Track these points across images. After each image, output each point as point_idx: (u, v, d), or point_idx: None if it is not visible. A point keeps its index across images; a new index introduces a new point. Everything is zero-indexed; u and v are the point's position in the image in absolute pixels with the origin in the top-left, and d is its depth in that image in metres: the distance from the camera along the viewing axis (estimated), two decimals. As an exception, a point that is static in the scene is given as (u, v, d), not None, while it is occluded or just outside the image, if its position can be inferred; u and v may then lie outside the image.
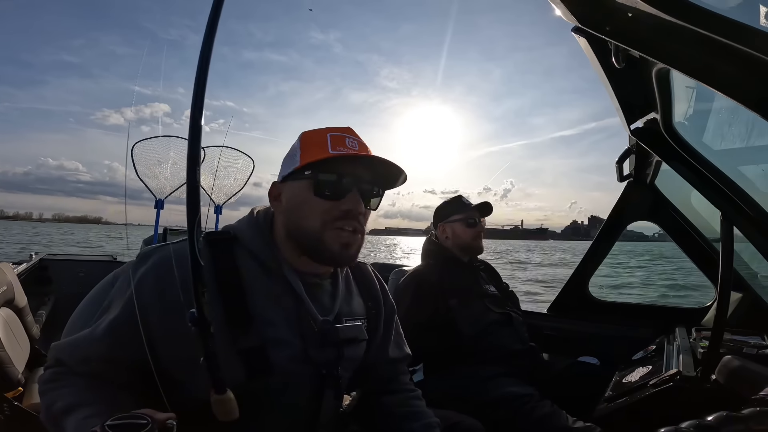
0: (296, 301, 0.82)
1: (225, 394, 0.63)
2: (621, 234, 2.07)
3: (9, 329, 1.72)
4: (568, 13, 0.90)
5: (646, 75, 1.21)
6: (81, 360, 0.75)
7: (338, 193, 0.80)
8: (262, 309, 0.78)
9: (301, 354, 0.80)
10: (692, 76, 0.84)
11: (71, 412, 0.68)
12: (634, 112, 1.44)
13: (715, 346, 1.14)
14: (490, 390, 1.47)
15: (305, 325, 0.82)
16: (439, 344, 1.60)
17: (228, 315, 0.74)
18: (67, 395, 0.71)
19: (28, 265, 3.08)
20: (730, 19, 0.66)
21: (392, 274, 1.95)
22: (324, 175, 0.79)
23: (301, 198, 0.81)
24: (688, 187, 1.49)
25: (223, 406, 0.63)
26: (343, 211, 0.80)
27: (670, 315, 2.04)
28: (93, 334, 0.75)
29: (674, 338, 1.53)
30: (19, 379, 1.54)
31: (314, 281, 0.87)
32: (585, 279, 2.11)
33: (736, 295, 1.71)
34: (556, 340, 2.06)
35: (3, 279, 1.84)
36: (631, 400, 1.21)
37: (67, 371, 0.76)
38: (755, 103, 0.75)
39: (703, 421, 0.46)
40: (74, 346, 0.76)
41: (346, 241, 0.81)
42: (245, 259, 0.81)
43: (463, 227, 1.77)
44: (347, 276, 0.97)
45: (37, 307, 2.71)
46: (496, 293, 1.77)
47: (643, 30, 0.83)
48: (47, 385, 0.75)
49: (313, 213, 0.80)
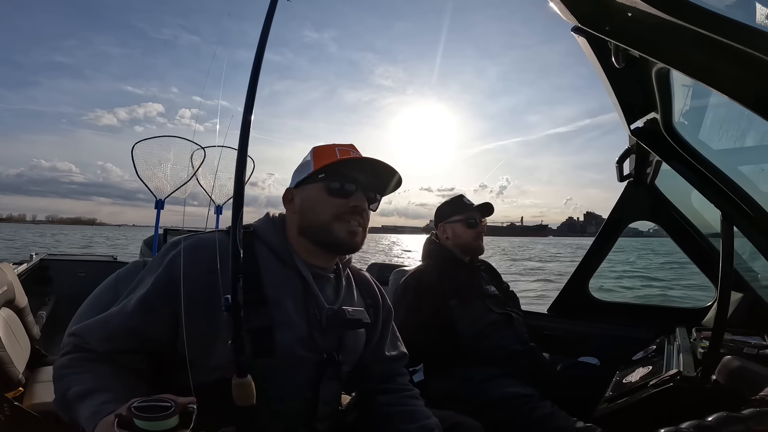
0: (305, 287, 0.92)
1: (246, 378, 0.67)
2: (621, 234, 2.07)
3: (9, 329, 1.72)
4: (568, 12, 0.90)
5: (646, 75, 1.21)
6: (109, 336, 0.79)
7: (347, 192, 0.93)
8: (274, 292, 0.87)
9: (306, 337, 0.88)
10: (692, 76, 0.84)
11: (87, 397, 0.70)
12: (634, 112, 1.44)
13: (716, 346, 1.14)
14: (490, 390, 1.47)
15: (311, 311, 0.91)
16: (440, 344, 1.60)
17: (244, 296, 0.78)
18: (84, 380, 0.73)
19: (29, 266, 3.08)
20: (730, 19, 0.66)
21: (393, 274, 1.95)
22: (335, 177, 0.93)
23: (315, 198, 0.93)
24: (688, 187, 1.49)
25: (244, 389, 0.67)
26: (351, 207, 0.93)
27: (670, 315, 2.04)
28: (124, 308, 0.81)
29: (674, 338, 1.52)
30: (20, 379, 1.54)
31: (320, 273, 0.96)
32: (585, 279, 2.11)
33: (737, 295, 1.71)
34: (557, 340, 2.05)
35: (3, 279, 1.84)
36: (632, 400, 1.21)
37: (84, 357, 0.78)
38: (755, 103, 0.75)
39: (703, 422, 0.46)
40: (103, 323, 0.80)
41: (353, 230, 0.93)
42: (262, 250, 0.92)
43: (464, 228, 1.77)
44: (348, 277, 1.05)
45: (37, 308, 2.71)
46: (496, 293, 1.77)
47: (643, 30, 0.83)
48: (63, 370, 0.77)
49: (325, 209, 0.92)
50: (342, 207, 0.92)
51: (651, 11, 0.72)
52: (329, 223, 0.91)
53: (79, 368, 0.76)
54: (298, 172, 0.99)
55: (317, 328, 0.90)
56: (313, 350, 0.88)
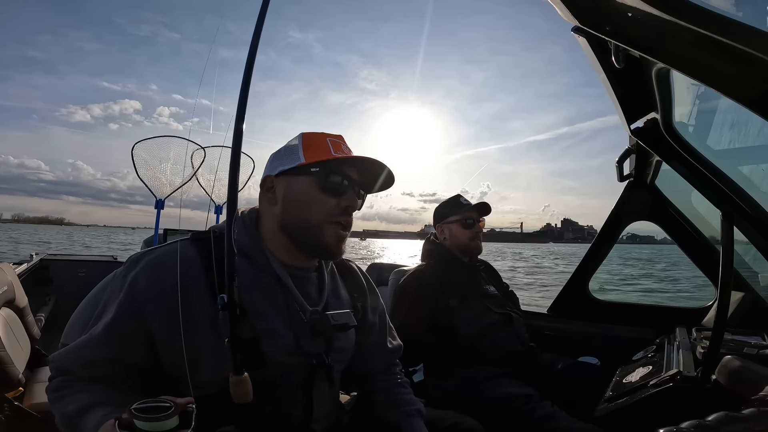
0: (285, 293, 0.86)
1: (243, 375, 0.67)
2: (621, 233, 2.07)
3: (9, 329, 1.72)
4: (568, 12, 0.90)
5: (646, 75, 1.21)
6: (85, 364, 0.76)
7: (341, 191, 0.88)
8: (253, 302, 0.80)
9: (293, 345, 0.84)
10: (692, 76, 0.84)
11: (88, 411, 0.70)
12: (634, 112, 1.44)
13: (716, 346, 1.13)
14: (490, 390, 1.47)
15: (295, 316, 0.86)
16: (439, 344, 1.60)
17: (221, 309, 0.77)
18: (81, 398, 0.73)
19: (29, 266, 3.08)
20: (731, 18, 0.66)
21: (392, 274, 1.95)
22: (332, 175, 0.87)
23: (306, 193, 0.87)
24: (688, 187, 1.49)
25: (242, 386, 0.67)
26: (343, 208, 0.87)
27: (670, 315, 2.04)
28: (91, 339, 0.76)
29: (675, 338, 1.52)
30: (20, 379, 1.54)
31: (301, 274, 0.91)
32: (585, 279, 2.11)
33: (737, 294, 1.71)
34: (557, 340, 2.05)
35: (3, 279, 1.84)
36: (632, 400, 1.21)
37: (72, 379, 0.77)
38: (754, 103, 0.75)
39: (703, 421, 0.46)
40: (75, 352, 0.77)
41: (341, 236, 0.89)
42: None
43: (461, 228, 1.77)
44: (332, 271, 1.01)
45: (37, 307, 2.71)
46: (496, 293, 1.77)
47: (643, 30, 0.83)
48: (57, 393, 0.76)
49: (317, 207, 0.86)
50: (334, 207, 0.87)
51: (651, 11, 0.72)
52: (319, 225, 0.86)
53: (72, 389, 0.75)
54: (281, 157, 0.90)
55: (303, 334, 0.85)
56: (301, 356, 0.85)
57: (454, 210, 1.79)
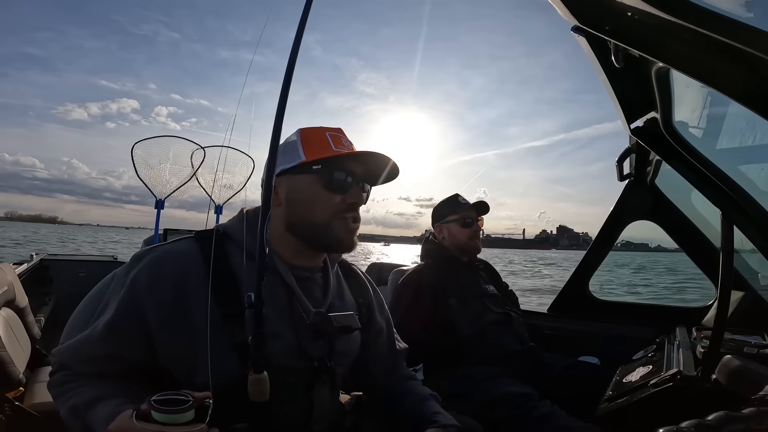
0: (288, 294, 0.85)
1: (262, 374, 0.66)
2: (621, 233, 2.07)
3: (10, 329, 1.72)
4: (568, 12, 0.90)
5: (645, 74, 1.21)
6: (85, 360, 0.76)
7: (345, 187, 0.87)
8: None
9: (294, 346, 0.83)
10: (692, 75, 0.84)
11: (97, 403, 0.70)
12: (633, 112, 1.44)
13: (716, 345, 1.13)
14: (490, 390, 1.47)
15: (298, 318, 0.84)
16: (439, 344, 1.60)
17: (222, 309, 0.76)
18: (88, 391, 0.73)
19: (29, 266, 3.08)
20: (731, 18, 0.66)
21: (392, 274, 1.95)
22: (335, 172, 0.86)
23: (309, 191, 0.86)
24: (688, 186, 1.49)
25: (260, 385, 0.66)
26: (349, 204, 0.87)
27: (670, 314, 2.04)
28: (91, 335, 0.76)
29: (675, 338, 1.52)
30: (20, 379, 1.54)
31: (305, 275, 0.90)
32: (585, 278, 2.11)
33: (737, 294, 1.71)
34: (557, 339, 2.05)
35: (4, 279, 1.84)
36: (632, 399, 1.21)
37: (75, 373, 0.77)
38: (755, 103, 0.75)
39: (704, 421, 0.46)
40: (75, 348, 0.77)
41: (352, 228, 0.88)
42: (236, 255, 0.83)
43: (459, 227, 1.77)
44: (337, 272, 1.00)
45: (38, 307, 2.72)
46: (495, 293, 1.77)
47: (642, 30, 0.83)
48: (61, 387, 0.76)
49: (322, 205, 0.85)
50: (340, 203, 0.86)
51: (651, 11, 0.72)
52: (327, 222, 0.85)
53: (76, 383, 0.75)
54: (280, 155, 0.88)
55: (305, 337, 0.84)
56: (303, 359, 0.84)
57: (453, 209, 1.79)
